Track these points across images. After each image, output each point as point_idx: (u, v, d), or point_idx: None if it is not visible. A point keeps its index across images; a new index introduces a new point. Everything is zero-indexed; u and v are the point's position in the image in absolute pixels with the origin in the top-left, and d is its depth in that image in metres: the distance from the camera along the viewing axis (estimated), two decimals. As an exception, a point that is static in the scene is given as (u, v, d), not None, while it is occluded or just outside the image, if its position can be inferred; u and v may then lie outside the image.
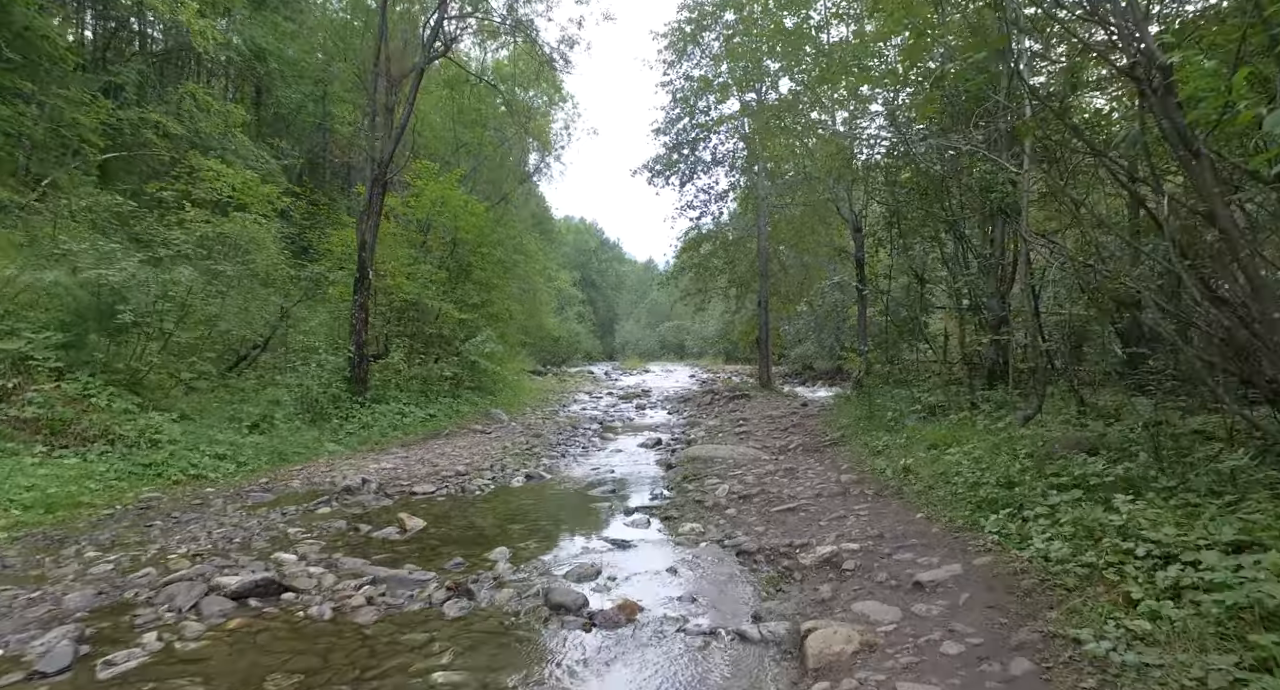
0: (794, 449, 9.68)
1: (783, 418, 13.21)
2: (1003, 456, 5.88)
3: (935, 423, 8.63)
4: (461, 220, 17.25)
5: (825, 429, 11.09)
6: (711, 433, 12.39)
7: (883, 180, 11.58)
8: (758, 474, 8.06)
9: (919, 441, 7.71)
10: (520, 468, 9.74)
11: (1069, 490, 4.64)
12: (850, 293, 15.43)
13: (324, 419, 12.33)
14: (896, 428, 9.17)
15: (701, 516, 6.51)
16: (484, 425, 13.98)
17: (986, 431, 6.98)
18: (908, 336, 13.48)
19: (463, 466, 9.56)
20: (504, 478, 8.99)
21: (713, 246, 22.34)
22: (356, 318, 13.59)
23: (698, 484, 7.90)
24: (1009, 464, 5.60)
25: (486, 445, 11.73)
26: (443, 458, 10.40)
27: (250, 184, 15.55)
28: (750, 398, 17.58)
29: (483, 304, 17.64)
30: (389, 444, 11.86)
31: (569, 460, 10.57)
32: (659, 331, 58.32)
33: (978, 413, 8.37)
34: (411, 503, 7.56)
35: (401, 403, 13.79)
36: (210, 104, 19.79)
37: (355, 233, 13.98)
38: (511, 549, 5.57)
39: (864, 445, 8.78)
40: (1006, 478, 5.36)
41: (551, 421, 15.17)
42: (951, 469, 6.12)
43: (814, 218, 18.30)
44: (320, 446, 10.97)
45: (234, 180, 15.84)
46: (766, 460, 9.01)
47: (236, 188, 15.62)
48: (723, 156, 21.77)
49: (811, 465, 8.32)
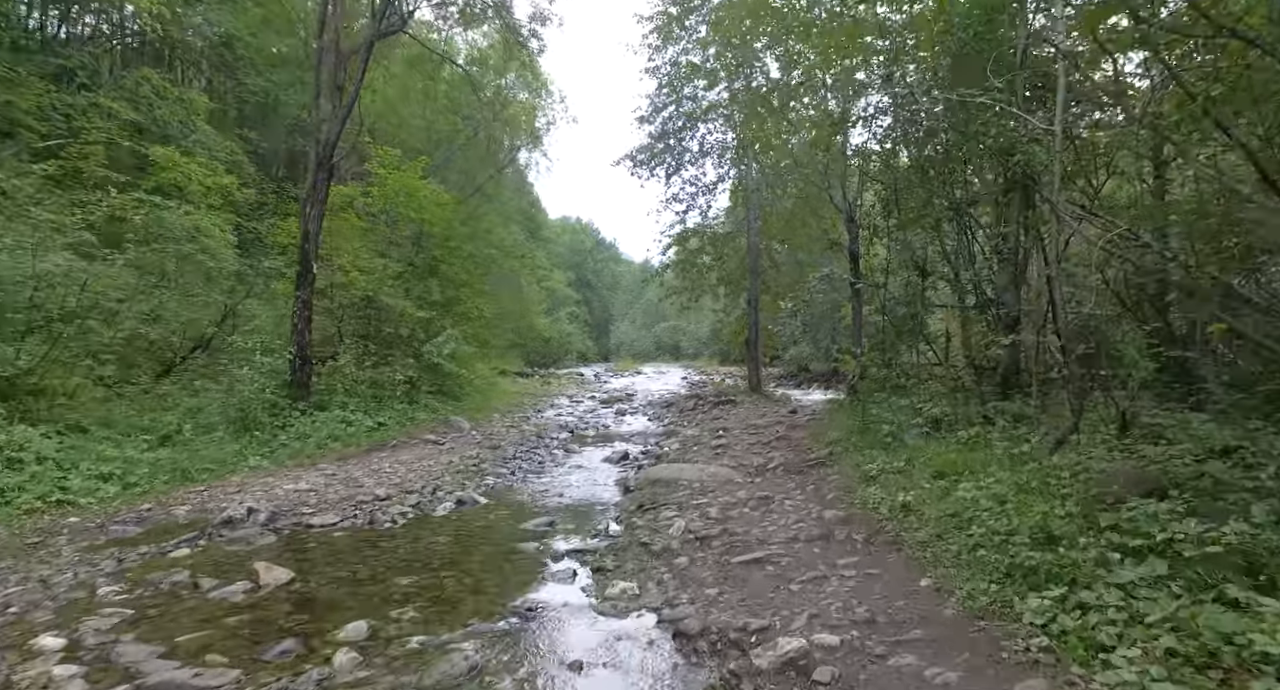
0: (774, 468, 8.17)
1: (767, 427, 11.70)
2: (1035, 496, 4.38)
3: (940, 441, 7.12)
4: (428, 212, 15.75)
5: (812, 443, 9.58)
6: (686, 445, 10.89)
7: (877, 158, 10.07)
8: (725, 503, 6.54)
9: (922, 466, 6.20)
10: (457, 489, 8.26)
11: (1145, 559, 3.14)
12: (843, 288, 13.93)
13: (256, 429, 10.84)
14: (894, 445, 7.66)
15: (644, 567, 5.00)
16: (439, 435, 12.48)
17: (1008, 457, 5.47)
18: (907, 337, 11.97)
19: (389, 489, 8.05)
20: (431, 504, 7.50)
21: (700, 242, 20.78)
22: (299, 316, 12.08)
23: (652, 517, 6.39)
24: (1045, 507, 4.10)
25: (432, 459, 10.23)
26: (373, 475, 8.91)
27: (194, 171, 14.14)
28: (736, 403, 16.06)
29: (448, 302, 16.11)
30: (324, 457, 10.37)
31: (518, 479, 9.07)
32: (654, 332, 56.71)
33: (991, 429, 6.86)
34: (300, 539, 6.08)
35: (348, 410, 12.29)
36: (169, 90, 18.36)
37: (298, 223, 12.49)
38: (377, 622, 4.07)
39: (855, 467, 7.26)
40: (1044, 529, 3.86)
41: (517, 430, 13.66)
42: (966, 510, 4.61)
43: (805, 209, 16.78)
44: (240, 462, 9.48)
45: (188, 169, 14.43)
46: (739, 484, 7.50)
47: (190, 177, 14.23)
48: (711, 147, 20.24)
49: (791, 493, 6.80)
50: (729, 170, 20.25)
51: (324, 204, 12.46)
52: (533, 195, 53.13)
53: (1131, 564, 3.21)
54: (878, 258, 14.11)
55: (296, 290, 12.19)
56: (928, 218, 9.96)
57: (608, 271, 67.76)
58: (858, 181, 13.34)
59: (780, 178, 19.05)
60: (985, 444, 6.39)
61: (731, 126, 19.26)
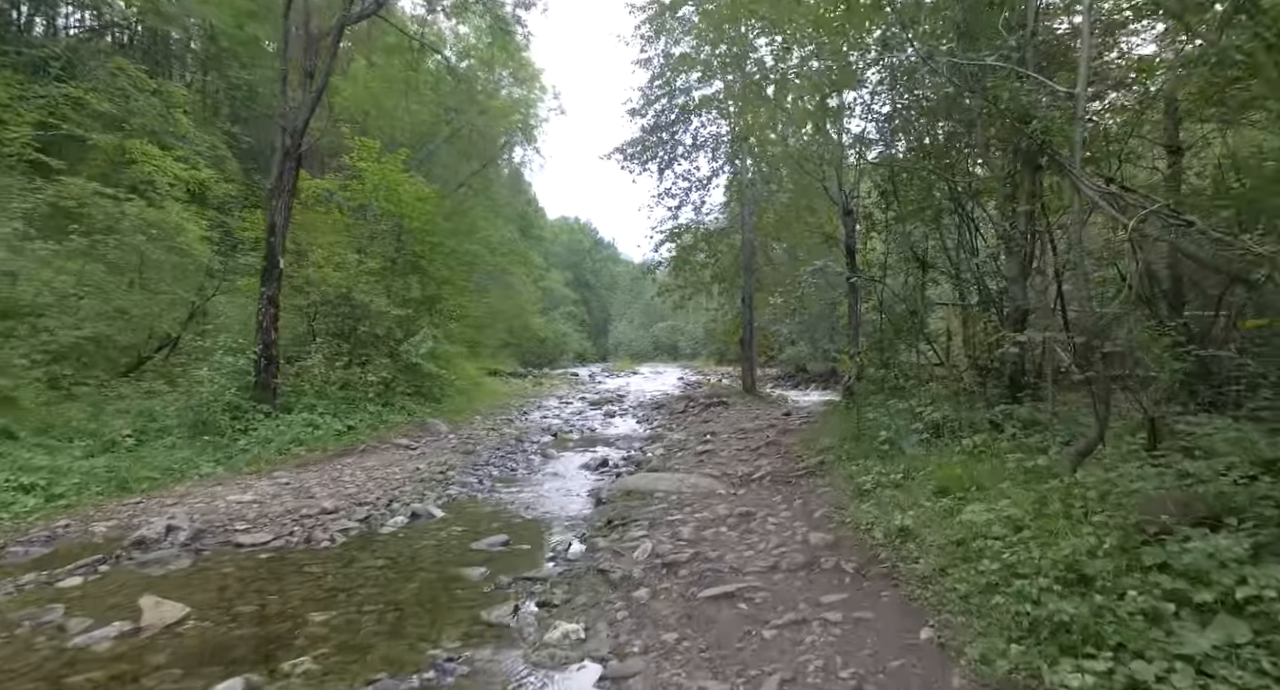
0: (760, 478, 7.39)
1: (757, 432, 10.92)
2: (1059, 521, 3.61)
3: (942, 449, 6.34)
4: (408, 207, 14.98)
5: (803, 450, 8.80)
6: (671, 450, 10.12)
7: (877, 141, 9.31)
8: (702, 520, 5.77)
9: (922, 480, 5.43)
10: (415, 500, 7.52)
11: (1214, 618, 2.38)
12: (838, 284, 13.16)
13: (215, 433, 10.11)
14: (891, 454, 6.88)
15: (597, 601, 4.24)
16: (412, 439, 11.72)
17: (1021, 471, 4.70)
18: (906, 336, 11.20)
19: (340, 500, 7.30)
20: (381, 518, 6.75)
21: (694, 238, 19.97)
22: (264, 313, 11.33)
23: (618, 535, 5.63)
24: (1073, 536, 3.34)
25: (399, 466, 9.48)
26: (330, 485, 8.16)
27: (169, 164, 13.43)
28: (728, 405, 15.28)
29: (428, 300, 15.34)
30: (284, 463, 9.63)
31: (485, 489, 8.31)
32: (652, 332, 55.84)
33: (999, 436, 6.09)
34: (220, 562, 5.33)
35: (317, 413, 11.52)
36: (145, 82, 17.65)
37: (265, 215, 11.74)
38: (260, 679, 3.33)
39: (848, 478, 6.48)
40: (1074, 567, 3.09)
41: (496, 434, 12.90)
42: (974, 537, 3.84)
43: (800, 202, 15.99)
44: (190, 469, 8.74)
45: (162, 162, 13.72)
46: (721, 496, 6.73)
47: (165, 171, 13.53)
48: (704, 140, 19.46)
49: (776, 508, 6.03)
50: (723, 165, 19.47)
51: (291, 195, 11.71)
52: (530, 194, 52.45)
53: (1194, 622, 2.44)
54: (875, 252, 13.36)
55: (262, 286, 11.44)
56: (928, 210, 9.22)
57: (606, 271, 66.91)
58: (854, 172, 12.55)
59: (776, 171, 18.29)
60: (993, 454, 5.61)
61: (726, 117, 18.48)
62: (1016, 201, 6.74)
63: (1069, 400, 7.93)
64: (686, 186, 19.65)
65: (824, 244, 13.86)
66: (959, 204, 9.13)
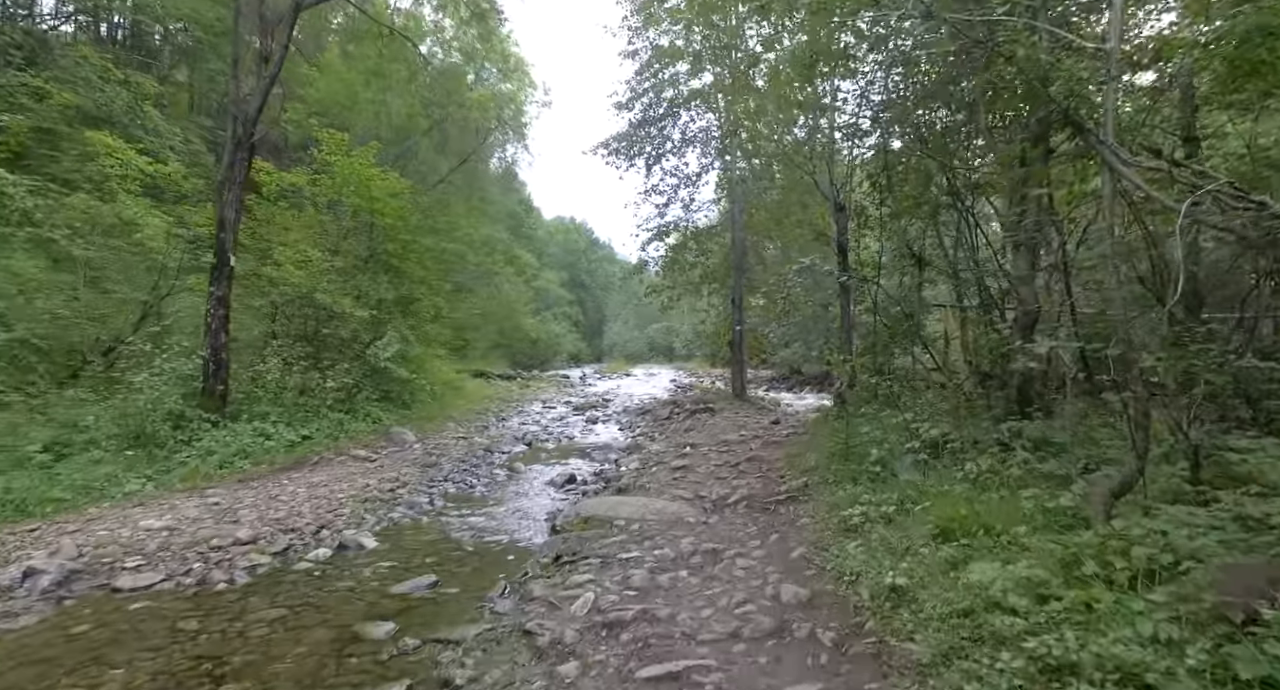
0: (735, 503, 6.48)
1: (740, 444, 10.00)
2: (1099, 590, 2.72)
3: (942, 474, 5.44)
4: (380, 203, 14.06)
5: (787, 468, 7.89)
6: (646, 464, 9.21)
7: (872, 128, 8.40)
8: (660, 560, 4.87)
9: (919, 516, 4.51)
10: (352, 525, 6.66)
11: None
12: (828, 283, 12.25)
13: (154, 445, 9.24)
14: (883, 477, 5.98)
15: (511, 679, 3.33)
16: (373, 450, 10.81)
17: (1040, 511, 3.80)
18: (901, 339, 10.32)
19: (264, 526, 6.40)
20: (304, 549, 5.88)
21: (683, 236, 19.04)
22: (213, 314, 10.46)
23: (561, 579, 4.71)
24: (1123, 621, 2.45)
25: (348, 482, 8.59)
26: (261, 506, 7.25)
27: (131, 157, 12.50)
28: (715, 412, 14.36)
29: (402, 300, 14.41)
30: (223, 479, 8.74)
31: (434, 511, 7.43)
32: (647, 333, 54.83)
33: (1009, 459, 5.19)
34: (78, 615, 4.42)
35: (270, 421, 10.61)
36: (111, 72, 16.76)
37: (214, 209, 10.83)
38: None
39: (833, 508, 5.57)
40: (1132, 672, 2.20)
41: (466, 443, 11.99)
42: (986, 608, 2.94)
43: (791, 198, 15.09)
44: (113, 487, 7.87)
45: (126, 156, 12.79)
46: (688, 526, 5.83)
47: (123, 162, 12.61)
48: (694, 135, 18.55)
49: (747, 544, 5.12)
50: (713, 160, 18.57)
51: (244, 187, 10.81)
52: (523, 193, 51.48)
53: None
54: (869, 250, 12.47)
55: (211, 286, 10.56)
56: (924, 205, 8.34)
57: (601, 271, 65.76)
58: (846, 166, 11.66)
59: (767, 167, 17.41)
60: (1002, 482, 4.72)
61: (715, 111, 17.57)
62: (1026, 189, 5.84)
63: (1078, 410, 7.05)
64: (675, 183, 18.78)
65: (816, 241, 12.93)
66: (957, 198, 8.27)
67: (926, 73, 7.54)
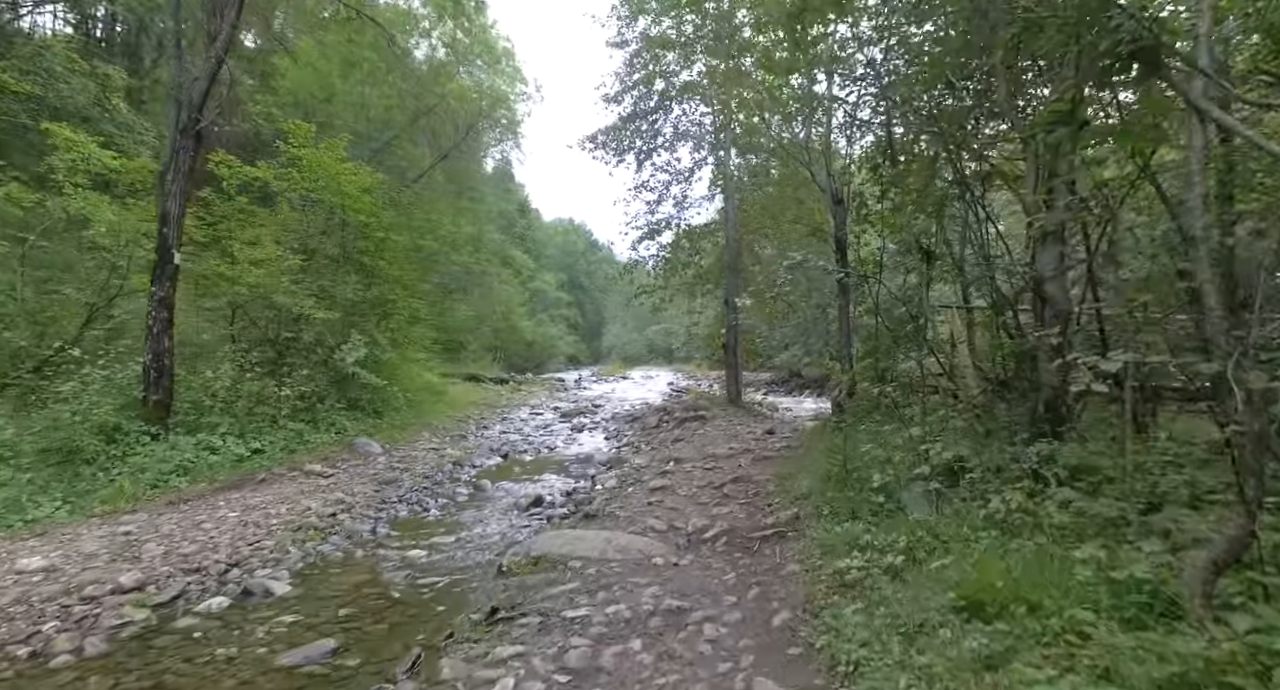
0: (713, 538, 5.47)
1: (729, 459, 8.97)
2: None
3: (960, 511, 4.43)
4: (351, 199, 13.08)
5: (777, 490, 6.87)
6: (624, 483, 8.19)
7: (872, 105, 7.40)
8: (612, 622, 3.87)
9: (933, 575, 3.50)
10: (271, 562, 5.68)
11: None
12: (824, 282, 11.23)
13: (82, 461, 8.28)
14: (888, 511, 4.97)
15: None
16: (331, 464, 9.82)
17: (1103, 582, 2.78)
18: (905, 343, 9.32)
19: (165, 566, 5.43)
20: (201, 595, 4.93)
21: (675, 235, 18.00)
22: (155, 317, 9.47)
23: (482, 652, 3.70)
24: None
25: (290, 503, 7.60)
26: (178, 536, 6.29)
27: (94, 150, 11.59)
28: (707, 419, 13.34)
29: (371, 301, 13.40)
30: (152, 500, 7.77)
31: (373, 541, 6.44)
32: (645, 335, 53.75)
33: (1043, 494, 4.18)
34: None
35: (219, 433, 9.63)
36: (76, 63, 15.84)
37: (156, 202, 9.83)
38: None
39: (826, 551, 4.55)
40: None
41: (436, 455, 10.99)
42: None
43: (786, 192, 14.07)
44: (14, 513, 6.90)
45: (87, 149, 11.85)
46: (655, 569, 4.82)
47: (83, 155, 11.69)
48: (686, 129, 17.51)
49: (721, 601, 4.10)
50: (706, 156, 17.53)
51: (188, 177, 9.82)
52: (521, 194, 50.54)
53: None
54: (868, 247, 11.45)
55: (152, 285, 9.58)
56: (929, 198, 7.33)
57: (600, 273, 64.34)
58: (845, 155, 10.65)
59: (762, 162, 16.42)
60: (1039, 527, 3.72)
61: (708, 103, 16.54)
62: (1057, 166, 4.81)
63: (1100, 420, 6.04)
64: (667, 179, 17.76)
65: (812, 237, 11.90)
66: (966, 188, 7.28)
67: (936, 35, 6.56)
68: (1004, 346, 6.75)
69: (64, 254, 11.67)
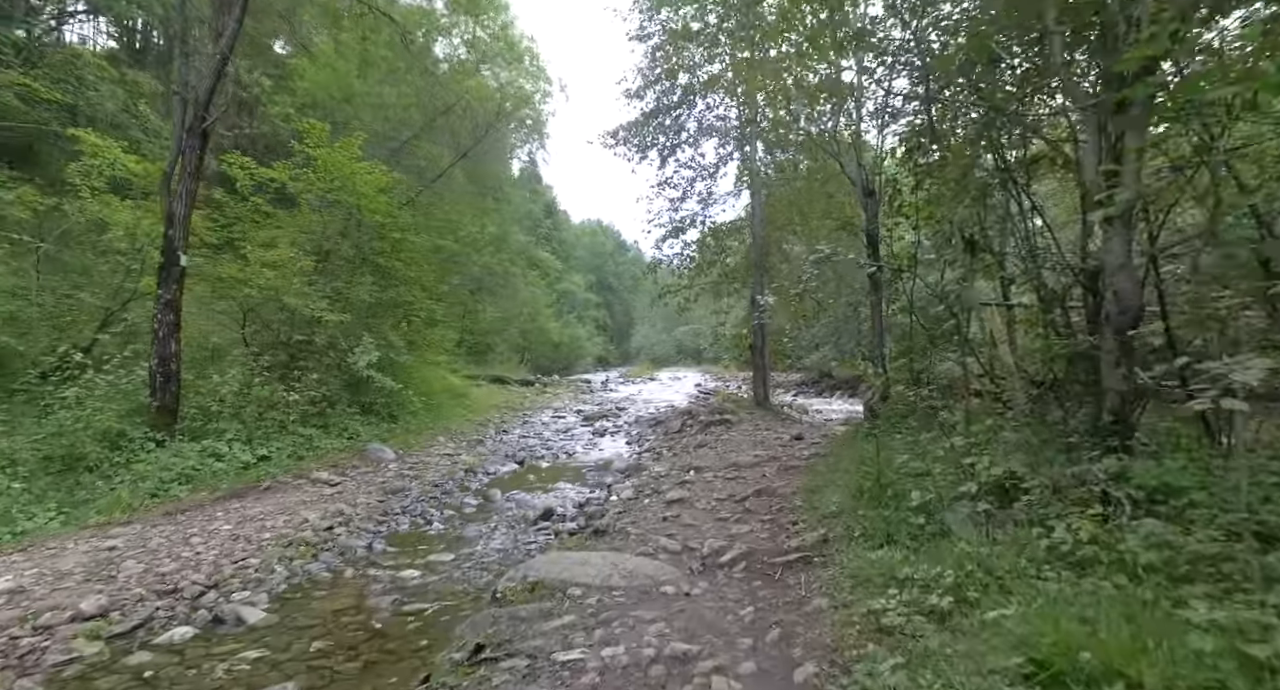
0: (731, 562, 4.86)
1: (753, 468, 8.33)
2: None
3: (1016, 537, 3.76)
4: (367, 199, 12.72)
5: (804, 505, 6.22)
6: (640, 494, 7.62)
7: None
8: (606, 669, 3.30)
9: (994, 630, 2.85)
10: (251, 584, 5.23)
11: None
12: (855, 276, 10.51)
13: (86, 469, 8.00)
14: (929, 534, 4.32)
15: None
16: (339, 471, 9.41)
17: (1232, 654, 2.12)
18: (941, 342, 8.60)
19: (139, 588, 5.00)
20: (168, 622, 4.51)
21: (700, 233, 17.36)
22: (161, 320, 9.19)
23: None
24: None
25: (288, 515, 7.18)
26: (160, 552, 5.90)
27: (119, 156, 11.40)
28: (731, 424, 12.68)
29: (387, 303, 13.02)
30: (152, 510, 7.44)
31: (366, 558, 5.97)
32: (674, 335, 53.00)
33: (1119, 520, 3.51)
34: None
35: (227, 439, 9.30)
36: (105, 70, 15.87)
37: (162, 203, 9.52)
38: None
39: (859, 584, 3.91)
40: None
41: (449, 462, 10.53)
42: None
43: (815, 185, 13.34)
44: (3, 526, 6.54)
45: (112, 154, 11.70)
46: (664, 599, 4.23)
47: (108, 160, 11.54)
48: (710, 124, 16.86)
49: (737, 644, 3.50)
50: (732, 151, 16.87)
51: (196, 177, 9.50)
52: (549, 196, 50.29)
53: None
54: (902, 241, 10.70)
55: (159, 288, 9.29)
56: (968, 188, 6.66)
57: (629, 274, 63.92)
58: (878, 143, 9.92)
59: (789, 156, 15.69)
60: (1119, 565, 3.05)
61: (733, 97, 15.87)
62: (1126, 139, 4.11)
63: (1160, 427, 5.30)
64: (691, 176, 17.14)
65: (842, 231, 11.17)
66: (1010, 175, 6.62)
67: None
68: (1053, 347, 6.02)
69: (80, 259, 11.51)
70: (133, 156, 12.04)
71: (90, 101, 15.14)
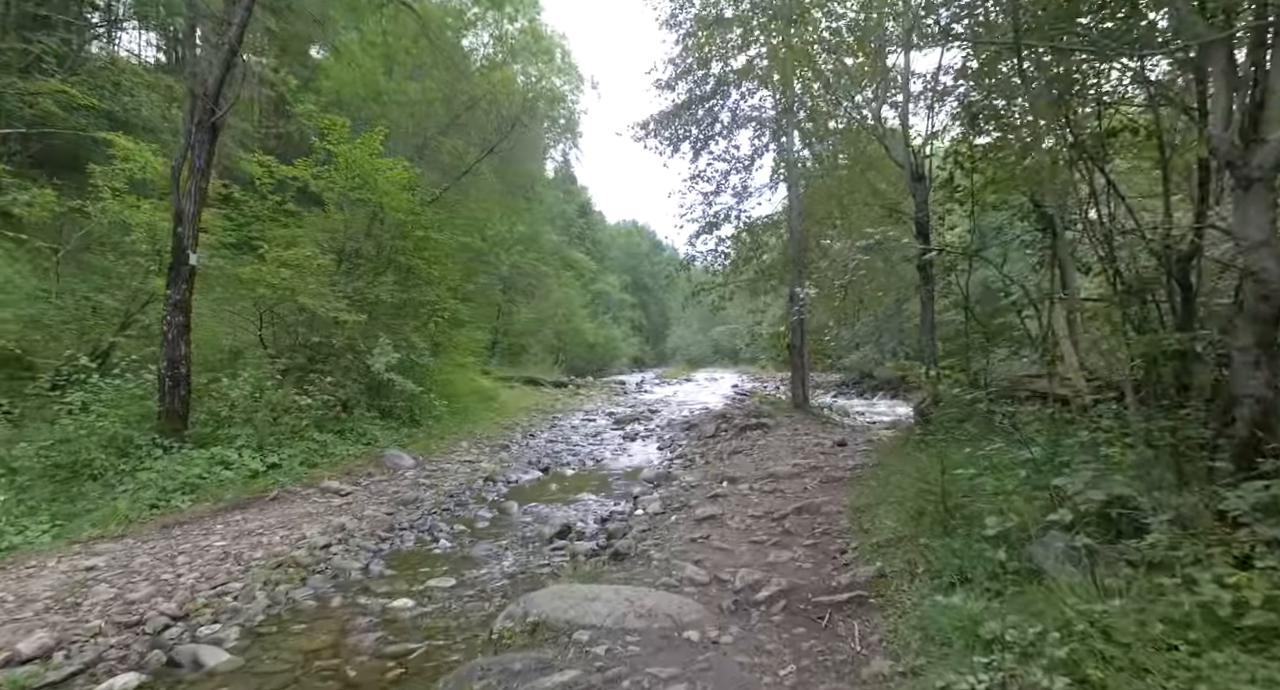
0: (768, 601, 4.05)
1: (793, 479, 7.47)
2: None
3: (1135, 586, 2.89)
4: (388, 197, 12.21)
5: (853, 527, 5.37)
6: (668, 508, 6.85)
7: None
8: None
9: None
10: (224, 615, 4.61)
11: None
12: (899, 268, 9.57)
13: (90, 477, 7.56)
14: (1011, 575, 3.47)
15: None
16: (352, 480, 8.86)
17: None
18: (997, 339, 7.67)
19: (93, 620, 4.42)
20: (117, 664, 3.93)
21: (735, 228, 16.49)
22: (170, 322, 8.72)
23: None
24: None
25: (287, 530, 6.62)
26: (140, 572, 5.36)
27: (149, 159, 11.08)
28: (769, 428, 11.79)
29: (408, 304, 12.47)
30: (147, 523, 6.94)
31: (360, 582, 5.32)
32: (711, 335, 51.94)
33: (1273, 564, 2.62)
34: None
35: (238, 445, 8.80)
36: (141, 76, 15.76)
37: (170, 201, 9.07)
38: None
39: (927, 637, 3.08)
40: None
41: (469, 469, 9.90)
42: None
43: (856, 172, 12.38)
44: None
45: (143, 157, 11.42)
46: (687, 648, 3.46)
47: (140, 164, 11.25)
48: (746, 114, 15.98)
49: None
50: (768, 142, 15.96)
51: (206, 173, 9.04)
52: (583, 197, 49.80)
53: None
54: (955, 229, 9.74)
55: (168, 289, 8.84)
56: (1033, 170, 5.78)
57: (664, 274, 63.19)
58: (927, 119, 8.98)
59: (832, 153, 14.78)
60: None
61: (769, 86, 14.97)
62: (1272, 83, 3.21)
63: None
64: (725, 168, 16.27)
65: (887, 219, 10.20)
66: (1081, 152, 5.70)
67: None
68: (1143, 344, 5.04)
69: (101, 260, 11.23)
70: (161, 158, 11.73)
71: (126, 107, 15.00)
